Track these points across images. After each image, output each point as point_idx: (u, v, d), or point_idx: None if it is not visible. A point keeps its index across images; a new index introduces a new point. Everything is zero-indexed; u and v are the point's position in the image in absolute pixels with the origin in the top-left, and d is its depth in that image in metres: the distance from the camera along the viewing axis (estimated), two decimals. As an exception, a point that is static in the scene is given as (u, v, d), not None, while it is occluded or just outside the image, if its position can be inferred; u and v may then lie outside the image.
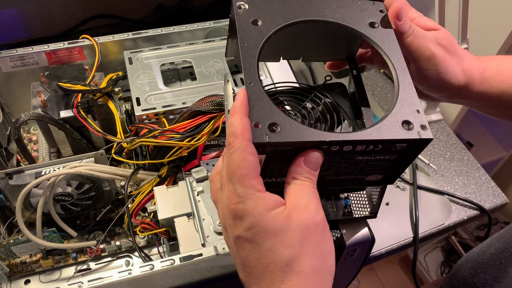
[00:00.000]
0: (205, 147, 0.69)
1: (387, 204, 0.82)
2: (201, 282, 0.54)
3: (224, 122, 0.63)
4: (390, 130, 0.39)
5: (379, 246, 0.77)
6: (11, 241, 0.64)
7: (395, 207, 0.82)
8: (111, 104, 0.73)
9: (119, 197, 0.73)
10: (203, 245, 0.56)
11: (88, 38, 0.78)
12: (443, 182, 0.87)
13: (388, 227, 0.79)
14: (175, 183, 0.67)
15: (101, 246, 0.70)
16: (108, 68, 0.81)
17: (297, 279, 0.35)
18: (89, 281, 0.53)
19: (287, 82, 0.52)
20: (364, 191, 0.57)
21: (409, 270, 1.72)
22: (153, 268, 0.55)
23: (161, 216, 0.62)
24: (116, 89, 0.75)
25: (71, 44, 0.78)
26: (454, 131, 1.02)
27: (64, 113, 0.71)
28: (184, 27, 0.83)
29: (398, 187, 0.85)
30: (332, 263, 0.37)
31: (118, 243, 0.70)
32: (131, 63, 0.77)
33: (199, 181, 0.63)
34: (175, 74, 0.81)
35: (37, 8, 1.02)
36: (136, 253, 0.70)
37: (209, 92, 0.69)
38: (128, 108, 0.79)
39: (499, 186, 0.88)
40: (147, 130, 0.66)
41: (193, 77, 0.78)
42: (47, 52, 0.77)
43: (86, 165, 0.64)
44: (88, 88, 0.72)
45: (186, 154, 0.67)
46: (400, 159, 0.42)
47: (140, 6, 1.11)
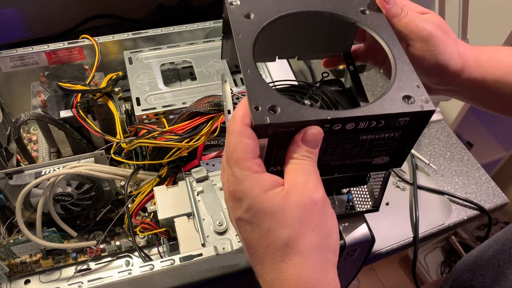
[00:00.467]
0: (205, 147, 0.69)
1: (387, 204, 0.82)
2: (201, 282, 0.54)
3: (223, 123, 0.63)
4: (392, 105, 0.39)
5: (379, 246, 0.77)
6: (11, 241, 0.64)
7: (395, 207, 0.82)
8: (111, 104, 0.73)
9: (119, 197, 0.73)
10: (203, 245, 0.56)
11: (88, 38, 0.78)
12: (443, 182, 0.87)
13: (388, 227, 0.79)
14: (175, 183, 0.67)
15: (101, 246, 0.70)
16: (108, 68, 0.81)
17: (298, 258, 0.35)
18: (89, 281, 0.53)
19: (285, 80, 0.52)
20: (365, 186, 0.57)
21: (409, 270, 1.72)
22: (153, 268, 0.55)
23: (161, 216, 0.62)
24: (116, 89, 0.75)
25: (71, 44, 0.78)
26: (454, 131, 1.02)
27: (64, 113, 0.71)
28: (184, 27, 0.83)
29: (398, 187, 0.85)
30: (335, 241, 0.37)
31: (118, 243, 0.70)
32: (131, 63, 0.77)
33: (199, 181, 0.63)
34: (175, 74, 0.81)
35: (37, 8, 1.02)
36: (136, 253, 0.70)
37: (209, 92, 0.69)
38: (128, 108, 0.79)
39: (499, 186, 0.88)
40: (146, 131, 0.66)
41: (193, 77, 0.78)
42: (47, 52, 0.77)
43: (86, 165, 0.64)
44: (88, 88, 0.72)
45: (186, 154, 0.67)
46: (405, 136, 0.41)
47: (140, 6, 1.11)
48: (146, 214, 0.69)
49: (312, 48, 0.54)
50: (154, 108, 0.69)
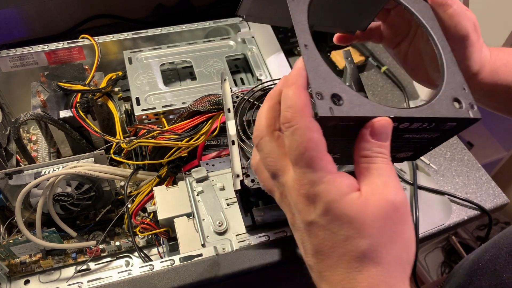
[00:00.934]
0: (205, 147, 0.68)
1: (387, 204, 0.82)
2: (201, 282, 0.54)
3: (223, 122, 0.62)
4: (445, 108, 0.36)
5: (379, 246, 0.76)
6: (11, 241, 0.64)
7: (395, 207, 0.82)
8: (111, 104, 0.73)
9: (119, 197, 0.73)
10: (203, 245, 0.56)
11: (88, 38, 0.78)
12: (444, 182, 0.87)
13: (388, 227, 0.79)
14: (175, 183, 0.67)
15: (101, 246, 0.70)
16: (108, 68, 0.80)
17: (376, 270, 0.33)
18: (89, 281, 0.53)
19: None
20: None
21: (410, 270, 1.72)
22: (153, 269, 0.54)
23: (161, 216, 0.62)
24: (116, 89, 0.75)
25: (71, 44, 0.78)
26: (455, 131, 1.01)
27: (64, 113, 0.71)
28: (184, 27, 0.83)
29: (398, 187, 0.85)
30: (414, 252, 0.35)
31: (118, 243, 0.70)
32: (131, 63, 0.77)
33: (199, 181, 0.63)
34: (175, 74, 0.81)
35: (37, 8, 1.02)
36: (136, 253, 0.70)
37: (209, 92, 0.69)
38: (128, 108, 0.79)
39: (500, 186, 0.88)
40: (146, 131, 0.66)
41: (193, 77, 0.78)
42: (47, 52, 0.77)
43: (86, 165, 0.64)
44: (88, 88, 0.72)
45: (186, 154, 0.67)
46: (440, 138, 0.39)
47: (140, 6, 1.11)
48: (146, 214, 0.69)
49: (331, 20, 0.50)
50: (154, 108, 0.69)
